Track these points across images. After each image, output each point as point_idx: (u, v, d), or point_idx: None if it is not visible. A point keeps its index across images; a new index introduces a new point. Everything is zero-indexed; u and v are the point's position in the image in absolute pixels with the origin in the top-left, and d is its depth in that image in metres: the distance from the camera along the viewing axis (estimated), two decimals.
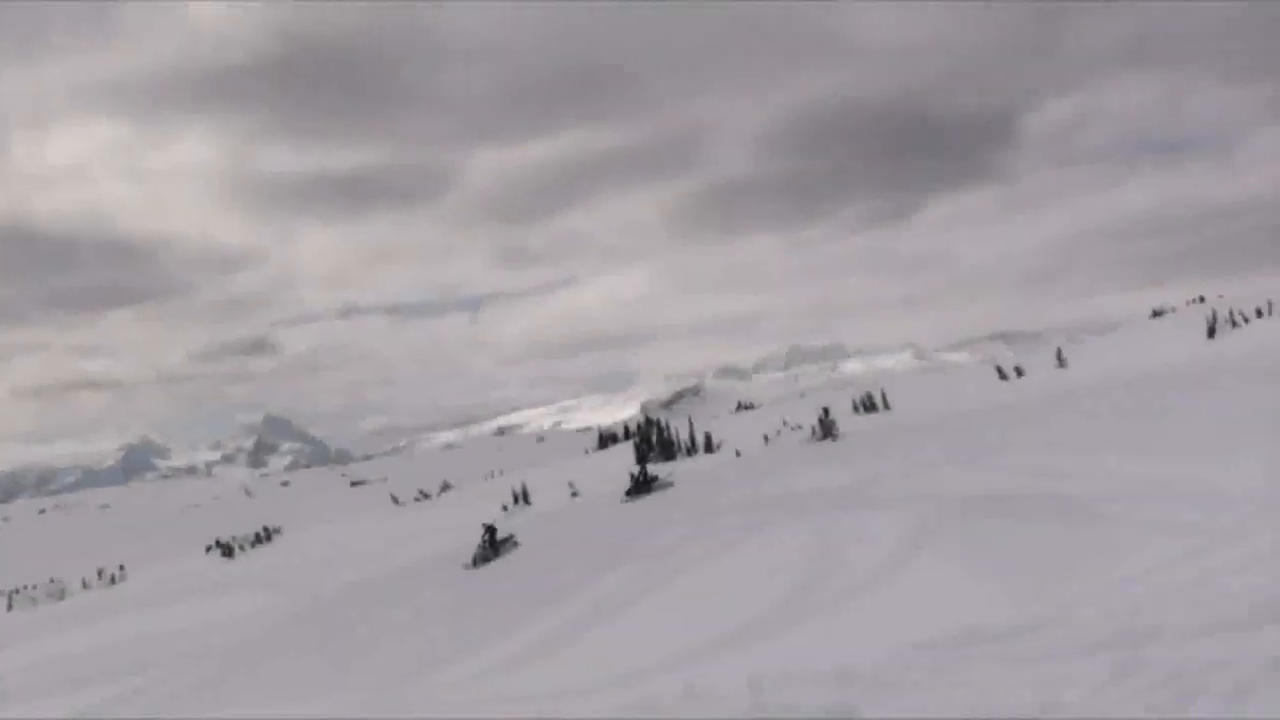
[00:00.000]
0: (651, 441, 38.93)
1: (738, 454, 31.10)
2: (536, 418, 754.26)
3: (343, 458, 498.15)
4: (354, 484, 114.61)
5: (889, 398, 38.63)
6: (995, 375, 41.92)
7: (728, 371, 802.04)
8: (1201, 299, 55.82)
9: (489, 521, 25.35)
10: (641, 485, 26.26)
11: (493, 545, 22.85)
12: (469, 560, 22.63)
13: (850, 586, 12.45)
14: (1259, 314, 39.55)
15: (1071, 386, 30.73)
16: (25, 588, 59.98)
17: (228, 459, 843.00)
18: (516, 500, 35.51)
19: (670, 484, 26.54)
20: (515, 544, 23.19)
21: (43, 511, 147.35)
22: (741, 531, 16.78)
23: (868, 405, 38.78)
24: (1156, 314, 55.13)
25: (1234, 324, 38.69)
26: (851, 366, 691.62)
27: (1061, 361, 41.44)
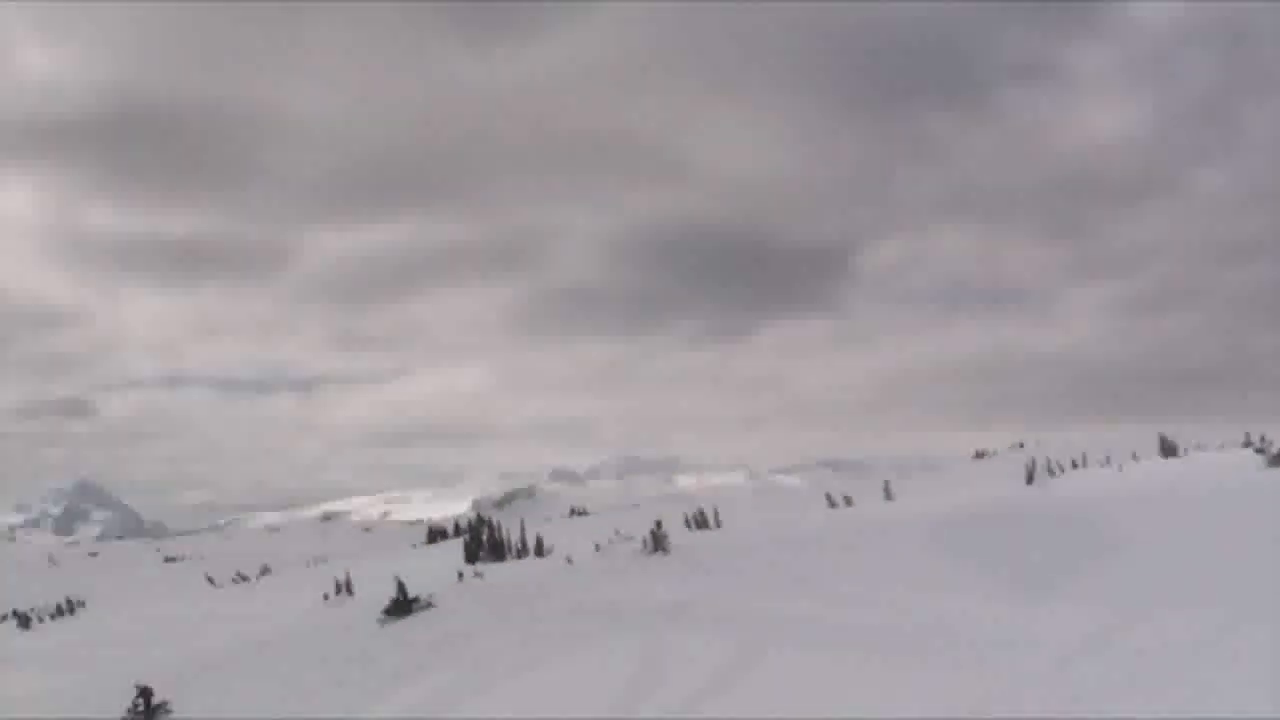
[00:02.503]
0: (482, 540, 38.10)
1: (569, 560, 31.06)
2: (364, 506, 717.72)
3: (158, 531, 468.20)
4: (168, 559, 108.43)
5: (721, 515, 38.82)
6: (825, 502, 42.84)
7: (562, 474, 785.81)
8: (1021, 445, 58.24)
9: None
10: (401, 606, 19.93)
11: None
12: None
13: (670, 706, 12.36)
14: (1074, 465, 41.75)
15: (899, 518, 31.67)
16: None
17: (33, 523, 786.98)
18: (339, 590, 34.18)
19: (430, 605, 20.03)
20: None
21: None
22: (563, 641, 16.50)
23: (700, 522, 38.94)
24: (980, 455, 57.08)
25: (1051, 473, 40.66)
26: (685, 481, 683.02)
27: (889, 494, 42.71)
